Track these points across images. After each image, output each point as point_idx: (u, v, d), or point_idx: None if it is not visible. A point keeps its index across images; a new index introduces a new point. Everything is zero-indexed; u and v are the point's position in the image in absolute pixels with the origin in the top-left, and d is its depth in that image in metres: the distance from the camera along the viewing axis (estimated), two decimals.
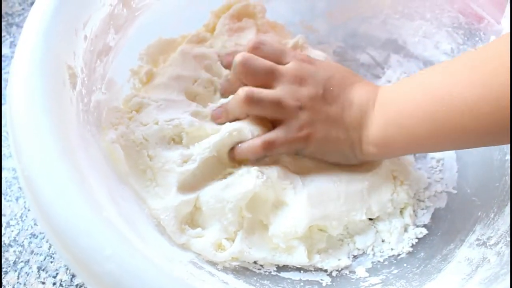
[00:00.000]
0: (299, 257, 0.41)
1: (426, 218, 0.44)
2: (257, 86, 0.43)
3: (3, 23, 0.63)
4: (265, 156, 0.42)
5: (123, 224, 0.34)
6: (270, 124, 0.43)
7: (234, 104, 0.43)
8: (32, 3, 0.64)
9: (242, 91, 0.42)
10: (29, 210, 0.49)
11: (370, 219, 0.43)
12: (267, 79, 0.43)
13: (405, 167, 0.45)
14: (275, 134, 0.42)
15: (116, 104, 0.44)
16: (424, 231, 0.43)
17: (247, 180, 0.41)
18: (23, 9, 0.65)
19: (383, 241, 0.43)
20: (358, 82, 0.44)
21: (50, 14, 0.37)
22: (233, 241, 0.40)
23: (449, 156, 0.47)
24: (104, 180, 0.37)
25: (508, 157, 0.42)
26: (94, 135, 0.40)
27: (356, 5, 0.52)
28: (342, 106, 0.42)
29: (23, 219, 0.49)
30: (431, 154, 0.48)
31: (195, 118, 0.44)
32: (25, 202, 0.50)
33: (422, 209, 0.45)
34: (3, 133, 0.54)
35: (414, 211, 0.44)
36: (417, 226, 0.43)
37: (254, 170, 0.41)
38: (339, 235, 0.43)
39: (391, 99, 0.41)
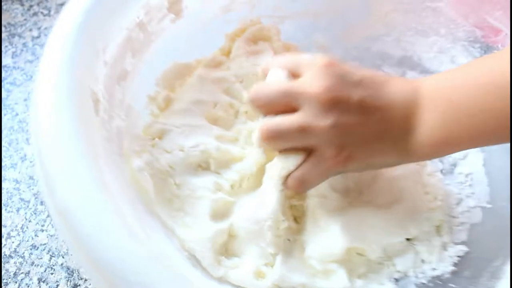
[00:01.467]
0: (339, 282, 0.38)
1: (463, 235, 0.43)
2: (280, 113, 0.37)
3: (5, 34, 0.63)
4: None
5: (161, 257, 0.32)
6: None
7: (258, 143, 0.39)
8: (34, 14, 0.65)
9: (258, 130, 0.38)
10: (30, 221, 0.49)
11: (408, 239, 0.42)
12: (286, 103, 0.37)
13: (435, 183, 0.44)
14: (307, 170, 0.37)
15: (136, 131, 0.42)
16: (464, 248, 0.41)
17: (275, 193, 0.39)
18: (25, 19, 0.65)
19: (423, 261, 0.41)
20: (391, 79, 0.38)
21: (72, 37, 0.35)
22: (272, 266, 0.38)
23: (478, 170, 0.46)
24: (133, 211, 0.35)
25: None
26: (118, 164, 0.37)
27: (369, 24, 0.52)
28: (382, 112, 0.37)
29: (23, 230, 0.49)
30: (458, 169, 0.47)
31: (220, 143, 0.42)
32: (26, 213, 0.50)
33: (457, 226, 0.43)
34: (3, 144, 0.54)
35: (450, 227, 0.43)
36: (456, 244, 0.42)
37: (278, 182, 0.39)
38: (378, 258, 0.41)
39: (441, 94, 0.36)
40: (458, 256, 0.41)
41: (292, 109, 0.37)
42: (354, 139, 0.37)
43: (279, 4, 0.51)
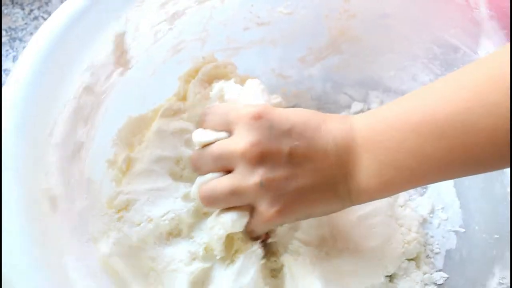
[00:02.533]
0: None
1: (439, 262, 0.44)
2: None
3: (6, 38, 0.63)
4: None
5: None
6: None
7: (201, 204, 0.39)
8: (35, 18, 0.63)
9: (195, 196, 0.38)
10: None
11: (387, 275, 0.42)
12: (222, 165, 0.37)
13: (408, 214, 0.44)
14: (250, 222, 0.37)
15: (100, 206, 0.39)
16: (443, 275, 0.42)
17: (255, 262, 0.38)
18: (26, 23, 0.64)
19: None
20: (323, 122, 0.36)
21: (11, 138, 0.32)
22: None
23: (449, 192, 0.46)
24: None
25: (509, 189, 0.42)
26: (86, 254, 0.36)
27: (325, 46, 0.50)
28: (315, 162, 0.35)
29: None
30: (429, 193, 0.47)
31: (189, 203, 0.41)
32: None
33: (433, 254, 0.44)
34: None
35: (427, 256, 0.43)
36: (435, 271, 0.43)
37: (259, 250, 0.39)
38: None
39: (374, 137, 0.35)
40: (439, 284, 0.42)
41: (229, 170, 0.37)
42: (288, 192, 0.35)
43: (232, 35, 0.49)
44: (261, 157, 0.35)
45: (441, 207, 0.46)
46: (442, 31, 0.46)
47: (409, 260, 0.43)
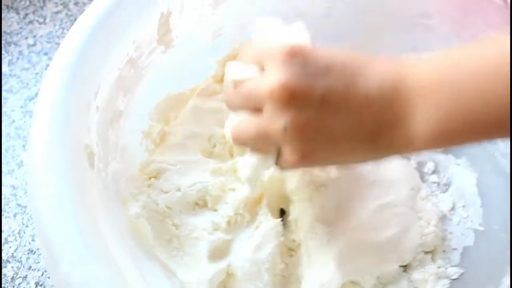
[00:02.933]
0: None
1: (456, 258, 0.44)
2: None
3: (1, 42, 0.64)
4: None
5: None
6: None
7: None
8: (30, 22, 0.66)
9: (230, 134, 0.36)
10: (27, 226, 0.50)
11: (402, 265, 0.43)
12: (253, 105, 0.34)
13: (429, 207, 0.45)
14: (279, 165, 0.35)
15: (132, 171, 0.42)
16: (458, 270, 0.43)
17: (275, 238, 0.40)
18: (21, 28, 0.66)
19: None
20: (368, 64, 0.32)
21: (63, 91, 0.35)
22: None
23: (471, 192, 0.47)
24: (131, 256, 0.36)
25: None
26: (116, 213, 0.38)
27: (359, 40, 0.51)
28: (354, 106, 0.31)
29: (21, 235, 0.50)
30: (451, 191, 0.47)
31: (216, 178, 0.43)
32: (23, 218, 0.51)
33: (451, 249, 0.44)
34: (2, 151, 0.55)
35: (444, 251, 0.44)
36: (451, 266, 0.43)
37: (280, 227, 0.40)
38: (372, 286, 0.42)
39: (437, 83, 0.30)
40: (452, 279, 0.43)
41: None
42: (316, 139, 0.32)
43: None
44: (289, 98, 0.31)
45: (462, 205, 0.47)
46: (480, 31, 0.46)
47: (426, 252, 0.43)
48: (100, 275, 0.28)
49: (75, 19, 0.64)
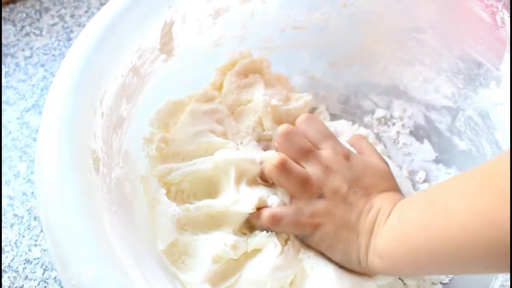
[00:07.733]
0: None
1: None
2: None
3: None
4: (268, 229, 0.42)
5: None
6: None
7: (266, 166, 0.43)
8: (26, 34, 0.67)
9: (277, 156, 0.42)
10: (23, 236, 0.51)
11: None
12: (301, 157, 0.43)
13: None
14: (286, 211, 0.41)
15: (133, 176, 0.43)
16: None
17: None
18: (17, 40, 0.66)
19: None
20: (387, 191, 0.42)
21: (71, 97, 0.36)
22: None
23: None
24: (135, 259, 0.37)
25: None
26: (119, 215, 0.39)
27: (356, 53, 0.53)
28: (360, 211, 0.41)
29: (17, 246, 0.50)
30: None
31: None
32: (19, 228, 0.51)
33: None
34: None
35: None
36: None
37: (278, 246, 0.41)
38: None
39: (401, 211, 0.39)
40: (444, 284, 0.44)
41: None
42: (331, 215, 0.41)
43: (269, 35, 0.52)
44: (331, 172, 0.43)
45: None
46: (470, 47, 0.48)
47: None
48: (109, 274, 0.29)
49: (71, 31, 0.67)
